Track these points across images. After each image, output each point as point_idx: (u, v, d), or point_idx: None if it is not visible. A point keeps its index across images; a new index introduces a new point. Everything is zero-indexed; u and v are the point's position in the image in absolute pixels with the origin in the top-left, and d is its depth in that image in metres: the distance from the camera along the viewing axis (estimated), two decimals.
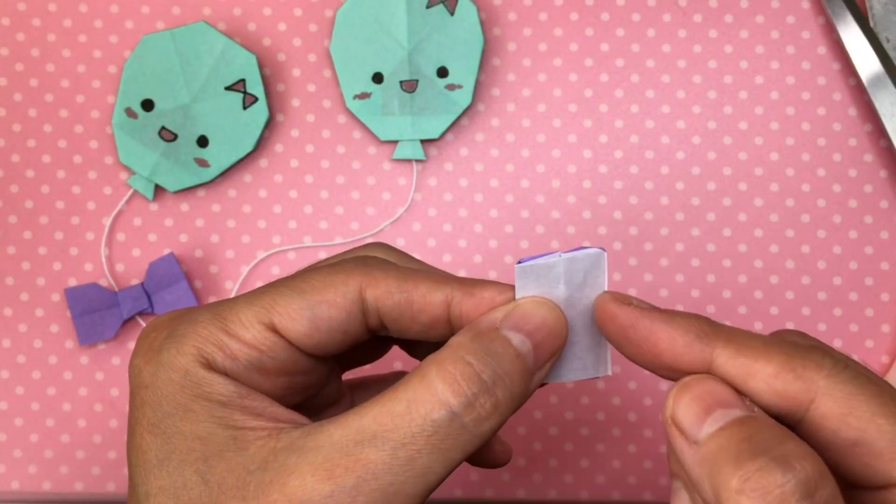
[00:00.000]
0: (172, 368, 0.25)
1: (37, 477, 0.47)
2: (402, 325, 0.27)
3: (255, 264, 0.47)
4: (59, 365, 0.47)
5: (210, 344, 0.25)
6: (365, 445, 0.23)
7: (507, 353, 0.25)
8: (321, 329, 0.26)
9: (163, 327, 0.27)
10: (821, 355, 0.23)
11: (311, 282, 0.26)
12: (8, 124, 0.47)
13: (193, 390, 0.25)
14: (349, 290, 0.26)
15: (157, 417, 0.25)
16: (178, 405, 0.25)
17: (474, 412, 0.24)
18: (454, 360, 0.24)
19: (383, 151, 0.47)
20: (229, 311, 0.26)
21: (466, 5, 0.46)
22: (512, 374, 0.25)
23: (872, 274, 0.47)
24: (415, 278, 0.27)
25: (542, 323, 0.26)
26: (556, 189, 0.47)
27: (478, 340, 0.25)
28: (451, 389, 0.24)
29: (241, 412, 0.25)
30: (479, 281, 0.27)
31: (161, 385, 0.25)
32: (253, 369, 0.26)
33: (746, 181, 0.47)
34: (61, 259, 0.47)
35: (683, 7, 0.47)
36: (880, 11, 0.46)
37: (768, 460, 0.21)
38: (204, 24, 0.46)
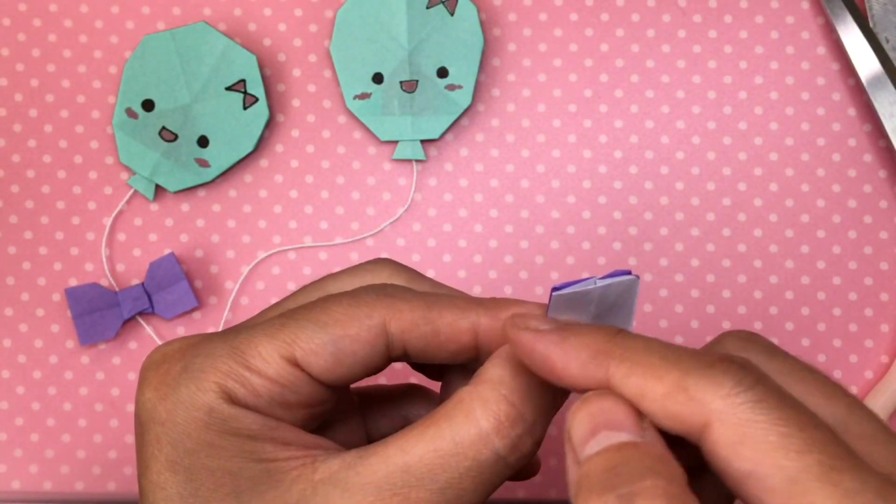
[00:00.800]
0: (194, 406, 0.25)
1: (37, 476, 0.47)
2: (427, 354, 0.27)
3: (255, 264, 0.47)
4: (60, 365, 0.47)
5: (231, 380, 0.25)
6: (413, 485, 0.23)
7: (544, 387, 0.24)
8: (344, 363, 0.26)
9: (175, 359, 0.26)
10: (722, 372, 0.21)
11: (333, 315, 0.26)
12: (8, 124, 0.47)
13: (220, 427, 0.24)
14: (373, 325, 0.26)
15: (177, 454, 0.24)
16: (202, 442, 0.24)
17: (517, 452, 0.24)
18: (498, 400, 0.24)
19: (383, 151, 0.47)
20: (248, 345, 0.25)
21: (466, 6, 0.46)
22: (550, 409, 0.25)
23: (872, 274, 0.47)
24: (439, 307, 0.26)
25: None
26: (556, 189, 0.47)
27: (517, 376, 0.24)
28: (497, 432, 0.24)
29: (271, 444, 0.25)
30: (502, 301, 0.26)
31: (181, 422, 0.25)
32: (275, 404, 0.25)
33: (746, 181, 0.47)
34: (62, 259, 0.47)
35: (683, 7, 0.47)
36: (880, 12, 0.46)
37: (614, 497, 0.20)
38: (204, 25, 0.46)
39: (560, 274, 0.47)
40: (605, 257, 0.47)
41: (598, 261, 0.47)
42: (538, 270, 0.47)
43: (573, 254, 0.47)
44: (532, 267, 0.47)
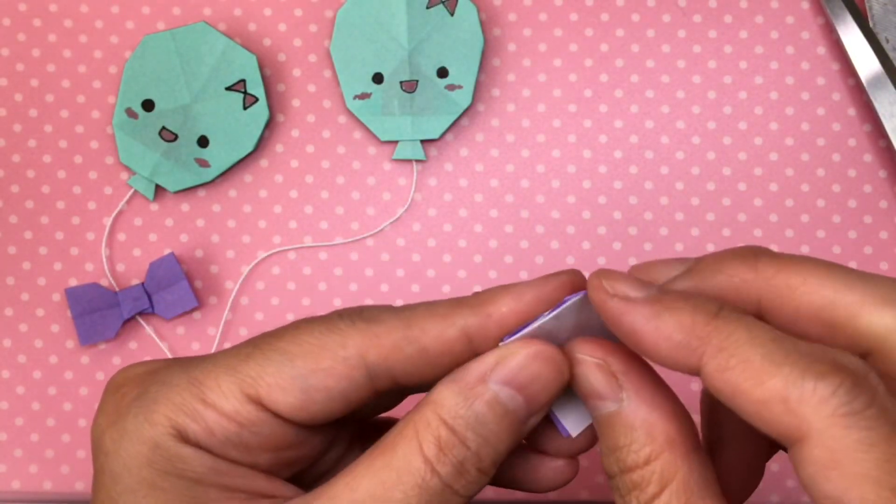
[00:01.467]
0: (139, 440, 0.22)
1: (37, 476, 0.47)
2: (420, 376, 0.24)
3: (255, 264, 0.47)
4: (60, 365, 0.47)
5: (183, 414, 0.23)
6: None
7: (494, 412, 0.23)
8: (316, 400, 0.23)
9: (132, 384, 0.24)
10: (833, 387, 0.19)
11: (303, 345, 0.23)
12: (9, 124, 0.47)
13: (163, 466, 0.22)
14: (349, 355, 0.23)
15: (116, 490, 0.22)
16: (141, 480, 0.22)
17: (462, 479, 0.22)
18: (438, 425, 0.22)
19: (383, 151, 0.47)
20: (207, 377, 0.23)
21: (466, 6, 0.46)
22: (499, 434, 0.23)
23: None
24: (420, 321, 0.24)
25: (537, 376, 0.23)
26: (556, 189, 0.47)
27: (463, 398, 0.23)
28: (437, 458, 0.22)
29: (217, 490, 0.23)
30: (487, 295, 0.24)
31: (124, 456, 0.22)
32: (231, 445, 0.23)
33: (746, 181, 0.47)
34: (62, 259, 0.47)
35: (683, 7, 0.47)
36: (879, 12, 0.46)
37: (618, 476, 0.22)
38: (204, 25, 0.46)
39: None
40: (605, 257, 0.47)
41: (598, 260, 0.47)
42: (538, 270, 0.47)
43: (573, 253, 0.47)
44: (532, 267, 0.47)
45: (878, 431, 0.18)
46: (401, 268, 0.47)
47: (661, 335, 0.21)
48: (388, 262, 0.47)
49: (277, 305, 0.47)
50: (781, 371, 0.19)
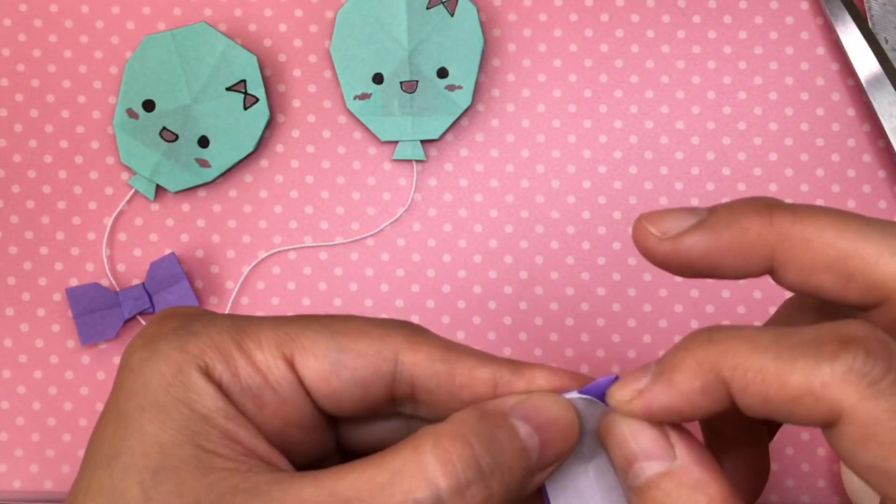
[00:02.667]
0: (166, 361, 0.23)
1: (38, 476, 0.47)
2: (437, 399, 0.24)
3: (255, 264, 0.47)
4: (61, 364, 0.47)
5: (216, 351, 0.23)
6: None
7: (513, 444, 0.22)
8: (341, 377, 0.23)
9: (177, 317, 0.24)
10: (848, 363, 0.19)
11: (347, 325, 0.24)
12: (9, 125, 0.47)
13: (177, 392, 0.22)
14: (385, 347, 0.24)
15: (127, 407, 0.22)
16: (153, 401, 0.22)
17: (462, 501, 0.21)
18: (454, 438, 0.21)
19: (383, 152, 0.47)
20: (251, 327, 0.24)
21: (466, 6, 0.46)
22: (513, 469, 0.22)
23: None
24: (459, 351, 0.24)
25: (555, 419, 0.23)
26: (556, 189, 0.47)
27: (484, 422, 0.22)
28: (444, 470, 0.21)
29: (218, 433, 0.22)
30: (529, 363, 0.24)
31: (147, 374, 0.23)
32: (249, 396, 0.23)
33: (746, 181, 0.47)
34: (62, 259, 0.47)
35: (682, 8, 0.48)
36: (879, 12, 0.46)
37: None
38: (205, 25, 0.46)
39: (559, 274, 0.47)
40: (605, 257, 0.47)
41: (597, 261, 0.47)
42: (538, 270, 0.47)
43: (573, 254, 0.47)
44: (532, 267, 0.47)
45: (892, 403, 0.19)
46: (401, 268, 0.47)
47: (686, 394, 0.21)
48: (388, 262, 0.47)
49: (278, 305, 0.47)
50: (797, 366, 0.19)
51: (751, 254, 0.22)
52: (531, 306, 0.47)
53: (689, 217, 0.22)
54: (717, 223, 0.22)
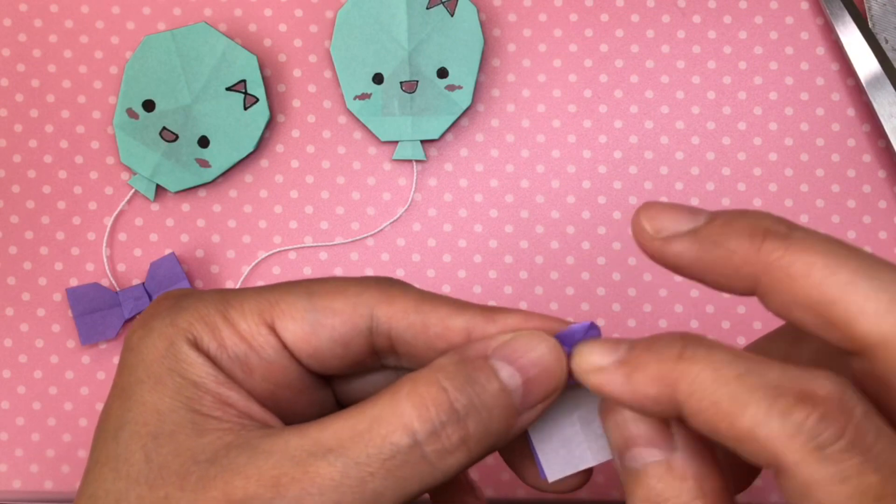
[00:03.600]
0: (160, 336, 0.24)
1: (38, 476, 0.47)
2: (414, 350, 0.25)
3: (255, 264, 0.47)
4: (61, 364, 0.47)
5: (203, 323, 0.24)
6: (318, 458, 0.22)
7: (491, 384, 0.22)
8: (320, 336, 0.24)
9: (172, 297, 0.26)
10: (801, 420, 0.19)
11: (324, 287, 0.25)
12: (9, 125, 0.47)
13: (170, 364, 0.24)
14: (360, 303, 0.24)
15: (128, 382, 0.24)
16: (150, 373, 0.24)
17: (438, 443, 0.22)
18: (428, 382, 0.22)
19: (383, 152, 0.48)
20: (235, 298, 0.25)
21: (466, 6, 0.46)
22: (492, 409, 0.22)
23: None
24: (434, 301, 0.25)
25: (539, 359, 0.23)
26: (556, 189, 0.47)
27: (461, 365, 0.23)
28: (418, 413, 0.22)
29: (211, 398, 0.24)
30: (502, 308, 0.25)
31: (143, 350, 0.24)
32: (237, 363, 0.24)
33: (746, 181, 0.47)
34: (62, 259, 0.47)
35: (682, 8, 0.48)
36: (879, 12, 0.46)
37: None
38: (205, 25, 0.46)
39: (560, 274, 0.47)
40: (605, 257, 0.47)
41: (597, 261, 0.47)
42: (538, 270, 0.47)
43: (573, 254, 0.47)
44: (532, 267, 0.47)
45: (849, 464, 0.18)
46: (401, 268, 0.47)
47: (638, 395, 0.21)
48: (388, 262, 0.47)
49: None
50: (748, 411, 0.19)
51: (735, 277, 0.22)
52: (531, 306, 0.47)
53: (685, 220, 0.22)
54: (706, 238, 0.22)
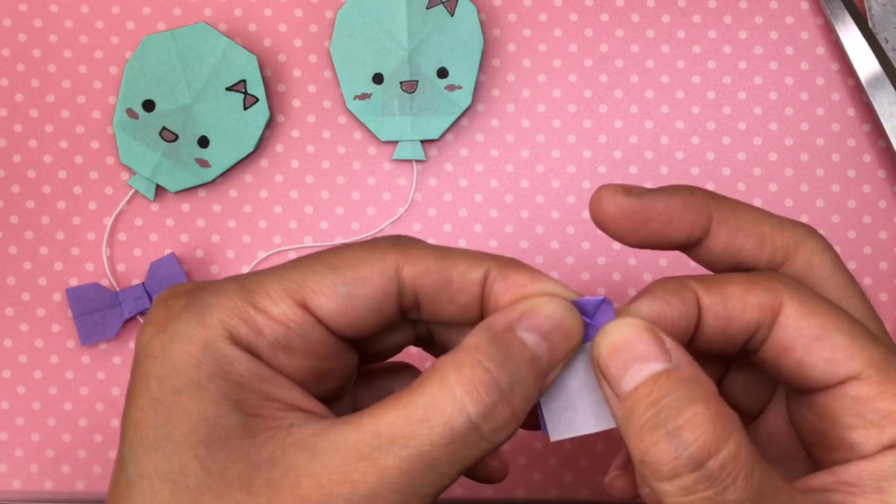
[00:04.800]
0: (190, 340, 0.24)
1: (38, 476, 0.47)
2: (438, 305, 0.26)
3: (255, 264, 0.47)
4: (61, 364, 0.47)
5: (235, 316, 0.24)
6: (381, 451, 0.22)
7: (524, 356, 0.24)
8: (356, 307, 0.25)
9: (182, 296, 0.25)
10: (779, 273, 0.26)
11: (344, 258, 0.25)
12: (9, 125, 0.47)
13: (211, 366, 0.23)
14: (385, 268, 0.25)
15: (162, 392, 0.23)
16: (189, 381, 0.23)
17: (493, 421, 0.23)
18: (472, 365, 0.23)
19: (383, 152, 0.48)
20: (257, 284, 0.25)
21: (466, 6, 0.46)
22: (528, 379, 0.24)
23: (871, 274, 0.47)
24: (452, 256, 0.26)
25: (560, 324, 0.25)
26: (556, 189, 0.47)
27: (495, 343, 0.24)
28: (470, 397, 0.23)
29: (257, 396, 0.24)
30: (515, 262, 0.26)
31: (174, 357, 0.24)
32: (278, 347, 0.24)
33: (746, 181, 0.47)
34: (62, 259, 0.47)
35: (682, 8, 0.48)
36: (879, 12, 0.46)
37: (664, 435, 0.22)
38: (205, 25, 0.46)
39: (560, 274, 0.47)
40: (605, 257, 0.47)
41: (597, 260, 0.47)
42: (539, 270, 0.47)
43: (573, 253, 0.47)
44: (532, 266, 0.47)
45: (812, 293, 0.26)
46: None
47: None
48: None
49: None
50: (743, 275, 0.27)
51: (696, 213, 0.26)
52: None
53: (643, 188, 0.27)
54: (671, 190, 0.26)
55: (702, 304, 0.25)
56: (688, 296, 0.25)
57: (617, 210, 0.26)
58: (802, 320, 0.25)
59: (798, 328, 0.25)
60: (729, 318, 0.25)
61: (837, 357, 0.24)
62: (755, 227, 0.27)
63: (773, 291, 0.25)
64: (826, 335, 0.25)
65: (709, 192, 0.27)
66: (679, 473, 0.22)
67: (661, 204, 0.26)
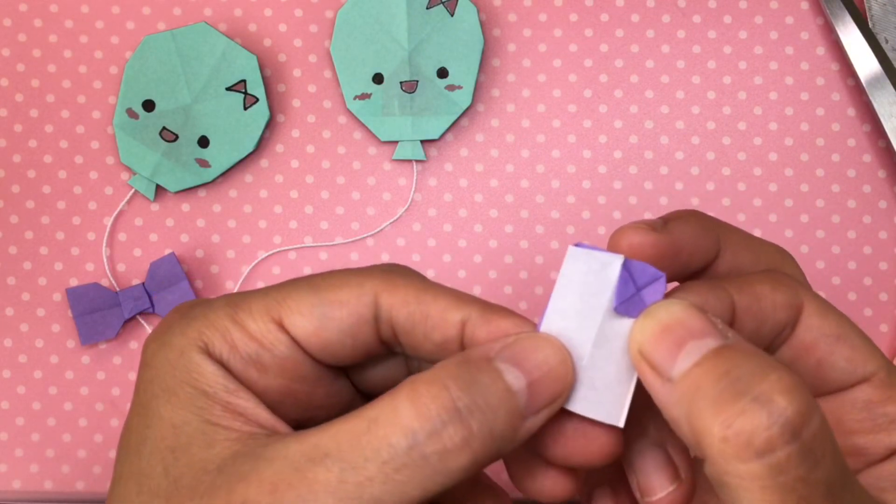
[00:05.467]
0: (171, 348, 0.24)
1: (38, 476, 0.47)
2: (414, 340, 0.25)
3: (255, 264, 0.47)
4: (61, 364, 0.47)
5: (213, 329, 0.24)
6: (315, 463, 0.21)
7: (496, 386, 0.22)
8: (329, 329, 0.24)
9: (182, 308, 0.26)
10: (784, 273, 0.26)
11: (328, 280, 0.25)
12: (9, 125, 0.47)
13: (182, 374, 0.24)
14: (364, 293, 0.24)
15: (146, 398, 0.24)
16: (166, 387, 0.24)
17: (440, 443, 0.21)
18: (430, 382, 0.21)
19: (383, 152, 0.47)
20: (243, 300, 0.25)
21: (466, 6, 0.46)
22: (496, 410, 0.21)
23: (871, 274, 0.47)
24: (435, 292, 0.25)
25: (543, 362, 0.22)
26: (556, 189, 0.47)
27: (464, 366, 0.22)
28: (417, 412, 0.21)
29: (222, 407, 0.24)
30: (499, 308, 0.25)
31: (158, 364, 0.24)
32: (250, 363, 0.24)
33: (746, 181, 0.47)
34: (62, 259, 0.47)
35: (683, 8, 0.48)
36: (879, 12, 0.46)
37: (750, 401, 0.19)
38: (205, 25, 0.46)
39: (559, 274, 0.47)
40: None
41: None
42: (538, 270, 0.47)
43: None
44: (532, 267, 0.47)
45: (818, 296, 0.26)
46: None
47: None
48: (388, 263, 0.47)
49: None
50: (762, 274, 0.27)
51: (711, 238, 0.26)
52: (531, 306, 0.47)
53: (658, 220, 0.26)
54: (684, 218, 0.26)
55: (737, 305, 0.24)
56: (724, 295, 0.24)
57: (652, 248, 0.24)
58: (824, 319, 0.25)
59: (821, 328, 0.25)
60: (763, 317, 0.25)
61: (857, 357, 0.24)
62: (747, 241, 0.27)
63: (794, 290, 0.25)
64: (846, 335, 0.25)
65: (705, 214, 0.27)
66: (774, 447, 0.19)
67: (687, 235, 0.25)
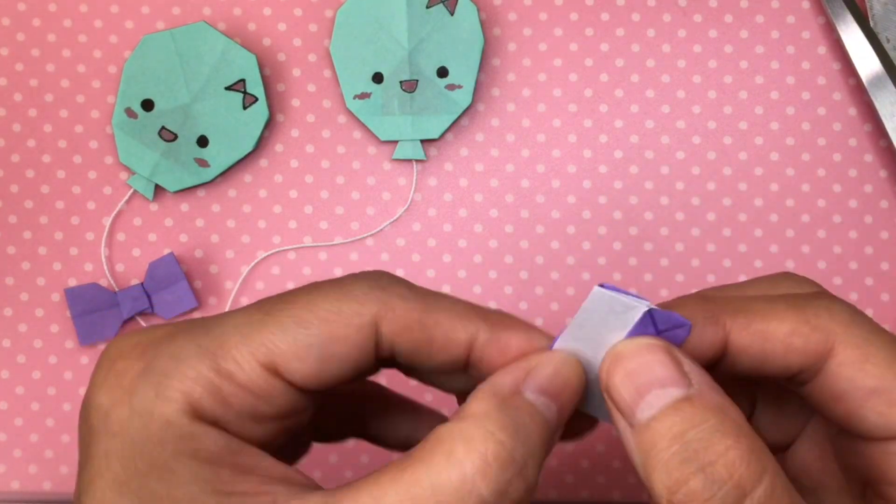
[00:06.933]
0: (151, 418, 0.21)
1: (37, 477, 0.47)
2: (416, 360, 0.24)
3: (255, 264, 0.47)
4: (59, 365, 0.47)
5: (198, 387, 0.22)
6: None
7: (535, 423, 0.22)
8: (331, 367, 0.23)
9: (132, 357, 0.22)
10: (829, 301, 0.23)
11: (317, 312, 0.23)
12: (8, 124, 0.47)
13: (176, 446, 0.21)
14: (363, 324, 0.23)
15: (126, 475, 0.21)
16: (154, 463, 0.21)
17: (507, 499, 0.21)
18: (484, 438, 0.21)
19: (383, 151, 0.47)
20: (220, 346, 0.22)
21: (466, 5, 0.46)
22: (541, 446, 0.22)
23: (872, 274, 0.47)
24: (437, 312, 0.23)
25: (567, 384, 0.23)
26: (556, 189, 0.47)
27: (504, 411, 0.21)
28: (483, 475, 0.20)
29: (231, 471, 0.21)
30: (506, 320, 0.24)
31: (135, 436, 0.21)
32: (246, 416, 0.22)
33: (746, 181, 0.47)
34: (61, 259, 0.47)
35: (683, 7, 0.47)
36: (880, 11, 0.46)
37: (694, 472, 0.20)
38: (204, 25, 0.46)
39: (560, 274, 0.47)
40: (605, 257, 0.47)
41: (598, 261, 0.47)
42: (538, 270, 0.47)
43: (573, 254, 0.47)
44: (532, 267, 0.47)
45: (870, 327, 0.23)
46: (401, 268, 0.47)
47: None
48: (388, 263, 0.47)
49: None
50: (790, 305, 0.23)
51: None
52: (531, 306, 0.47)
53: None
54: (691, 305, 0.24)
55: (732, 342, 0.23)
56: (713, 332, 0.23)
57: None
58: (858, 370, 0.23)
59: (852, 380, 0.23)
60: (765, 359, 0.23)
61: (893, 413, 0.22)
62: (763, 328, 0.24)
63: (825, 333, 0.23)
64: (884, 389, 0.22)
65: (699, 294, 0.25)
66: None
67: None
